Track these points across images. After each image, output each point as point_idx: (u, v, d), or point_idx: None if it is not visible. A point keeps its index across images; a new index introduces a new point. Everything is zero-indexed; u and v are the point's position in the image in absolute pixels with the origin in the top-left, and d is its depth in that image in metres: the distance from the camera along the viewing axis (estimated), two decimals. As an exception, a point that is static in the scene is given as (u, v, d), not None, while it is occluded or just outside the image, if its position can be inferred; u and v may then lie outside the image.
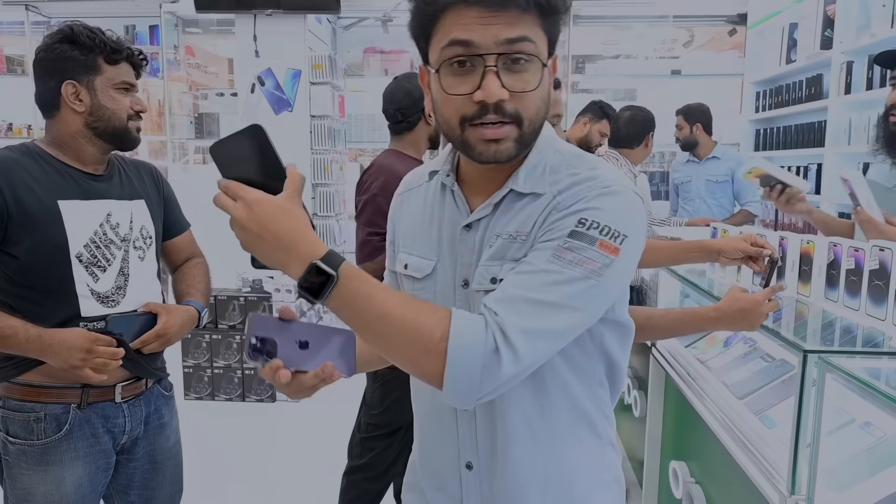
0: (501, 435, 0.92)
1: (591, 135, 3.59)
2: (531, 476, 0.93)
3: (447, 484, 0.98)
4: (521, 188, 0.87)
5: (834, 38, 3.68)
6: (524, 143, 0.84)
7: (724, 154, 3.91)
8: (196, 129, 5.12)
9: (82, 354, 1.36)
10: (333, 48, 5.11)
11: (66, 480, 1.44)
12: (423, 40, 0.84)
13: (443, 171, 0.94)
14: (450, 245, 0.92)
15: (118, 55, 1.46)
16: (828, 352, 1.21)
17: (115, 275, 1.48)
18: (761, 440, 1.44)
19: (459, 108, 0.81)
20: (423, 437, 1.03)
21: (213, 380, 3.92)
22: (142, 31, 5.13)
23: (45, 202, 1.39)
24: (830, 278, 1.60)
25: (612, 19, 5.29)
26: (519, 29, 0.78)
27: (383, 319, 0.75)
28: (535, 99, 0.82)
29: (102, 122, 1.46)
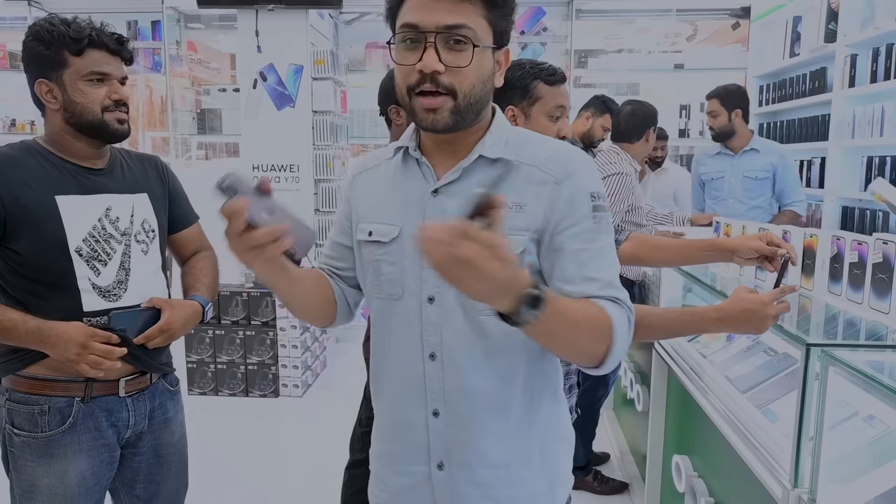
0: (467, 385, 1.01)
1: (593, 129, 3.57)
2: (494, 425, 1.02)
3: (415, 431, 1.05)
4: (490, 154, 0.99)
5: (838, 32, 3.66)
6: (461, 115, 0.95)
7: (763, 146, 3.36)
8: (199, 125, 5.11)
9: (77, 349, 1.35)
10: (335, 43, 5.09)
11: (70, 473, 1.44)
12: (392, 21, 0.99)
13: (410, 145, 1.04)
14: (417, 210, 1.01)
15: (79, 44, 1.38)
16: (831, 345, 1.21)
17: (115, 269, 1.47)
18: (764, 434, 1.44)
19: (406, 78, 0.95)
20: (388, 388, 1.09)
21: (216, 375, 3.93)
22: (144, 27, 5.12)
23: (43, 198, 1.39)
24: (834, 272, 1.60)
25: (615, 13, 5.27)
26: (458, 17, 0.91)
27: (574, 325, 0.86)
28: (468, 75, 0.93)
29: (76, 118, 1.42)
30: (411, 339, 1.02)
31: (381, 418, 1.13)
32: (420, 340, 1.02)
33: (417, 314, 1.01)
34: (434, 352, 1.01)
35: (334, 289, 1.13)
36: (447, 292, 0.99)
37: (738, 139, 3.34)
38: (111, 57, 1.44)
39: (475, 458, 1.02)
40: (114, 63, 1.44)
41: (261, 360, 3.92)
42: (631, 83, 5.50)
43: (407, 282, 1.02)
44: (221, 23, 5.35)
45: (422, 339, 1.01)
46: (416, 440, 1.05)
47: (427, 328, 1.01)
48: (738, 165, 3.36)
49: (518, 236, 0.96)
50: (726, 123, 3.30)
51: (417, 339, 1.02)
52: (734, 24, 5.14)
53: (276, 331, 3.89)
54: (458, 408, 1.01)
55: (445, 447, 1.03)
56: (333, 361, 4.64)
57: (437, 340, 1.01)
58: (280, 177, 4.54)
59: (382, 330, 1.07)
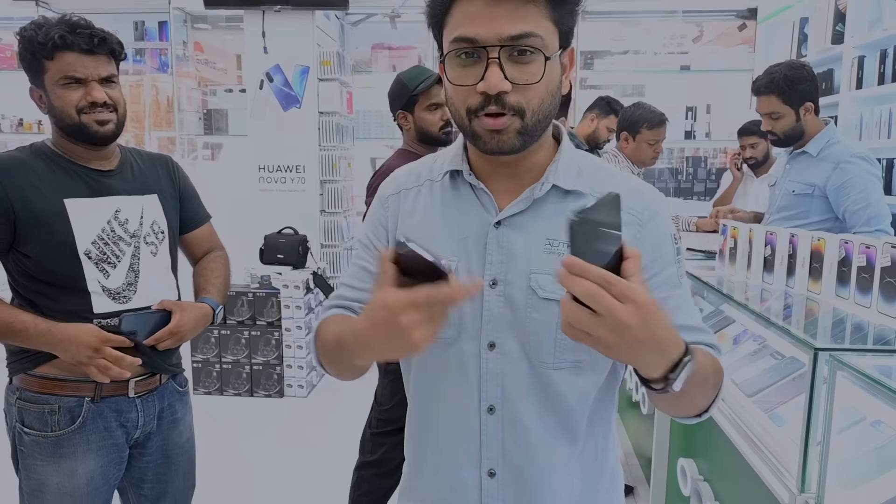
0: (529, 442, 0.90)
1: (598, 131, 3.57)
2: (560, 486, 0.91)
3: (465, 493, 0.93)
4: (564, 185, 0.88)
5: (845, 33, 3.65)
6: (528, 135, 0.83)
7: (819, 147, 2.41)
8: (205, 125, 5.13)
9: (89, 352, 1.36)
10: (342, 44, 5.11)
11: (79, 472, 1.45)
12: (438, 30, 0.85)
13: (464, 169, 0.92)
14: (476, 243, 0.89)
15: (46, 48, 1.35)
16: (839, 349, 1.21)
17: (125, 271, 1.48)
18: (771, 438, 1.44)
19: (465, 99, 0.82)
20: (432, 443, 0.96)
21: (221, 375, 3.94)
22: (151, 27, 5.15)
23: (52, 201, 1.40)
24: (841, 275, 1.59)
25: (621, 14, 5.27)
26: (523, 23, 0.78)
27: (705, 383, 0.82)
28: (538, 91, 0.81)
29: (59, 122, 1.42)
30: (467, 389, 0.90)
31: (420, 476, 0.99)
32: (477, 391, 0.89)
33: (475, 361, 0.89)
34: (493, 405, 0.89)
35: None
36: (510, 338, 0.88)
37: (805, 136, 2.45)
38: (86, 58, 1.38)
39: None
40: (90, 64, 1.39)
41: (266, 360, 3.93)
42: (636, 84, 5.50)
43: (464, 324, 0.89)
44: (228, 23, 5.37)
45: (479, 390, 0.89)
46: (465, 502, 0.93)
47: (486, 378, 0.89)
48: (790, 171, 2.52)
49: None
50: (793, 125, 2.39)
51: (474, 390, 0.90)
52: (741, 25, 5.13)
53: (281, 331, 3.90)
54: (520, 468, 0.90)
55: None
56: (338, 362, 4.64)
57: (497, 392, 0.89)
58: (286, 177, 4.55)
59: (431, 377, 0.94)
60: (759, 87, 2.40)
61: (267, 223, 4.18)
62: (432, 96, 2.13)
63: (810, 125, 2.39)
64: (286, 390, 3.96)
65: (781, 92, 2.34)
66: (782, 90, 2.34)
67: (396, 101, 2.19)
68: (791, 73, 2.34)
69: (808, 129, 2.39)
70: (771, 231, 1.86)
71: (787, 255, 1.78)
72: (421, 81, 2.13)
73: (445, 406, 0.93)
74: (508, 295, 0.87)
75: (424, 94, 2.13)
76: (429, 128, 2.16)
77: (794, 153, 2.47)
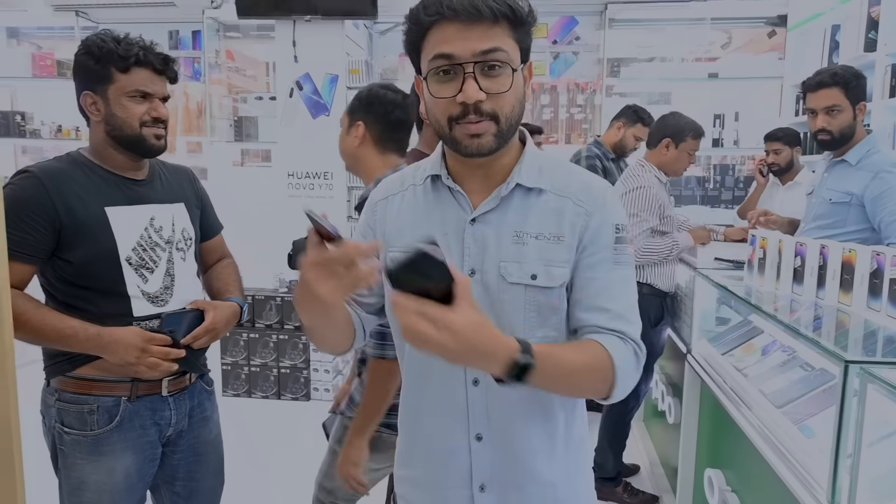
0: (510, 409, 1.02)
1: (625, 139, 3.57)
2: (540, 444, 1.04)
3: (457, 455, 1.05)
4: (527, 182, 1.00)
5: (878, 41, 3.60)
6: (502, 138, 0.96)
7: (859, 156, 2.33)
8: (235, 132, 5.23)
9: (137, 353, 1.43)
10: (370, 53, 5.17)
11: (117, 470, 1.51)
12: (416, 54, 0.98)
13: (442, 174, 1.04)
14: (455, 238, 1.01)
15: (126, 62, 1.46)
16: (870, 362, 1.21)
17: (162, 275, 1.54)
18: (800, 449, 1.44)
19: (446, 110, 0.95)
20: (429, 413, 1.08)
21: (249, 377, 4.01)
22: (185, 37, 5.27)
23: (94, 210, 1.46)
24: (873, 287, 1.58)
25: (648, 22, 5.25)
26: (491, 41, 0.92)
27: (572, 375, 0.93)
28: (509, 98, 0.95)
29: (116, 131, 1.49)
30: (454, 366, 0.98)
31: (415, 444, 1.12)
32: (464, 367, 1.01)
33: None
34: (477, 378, 1.02)
35: (352, 316, 1.12)
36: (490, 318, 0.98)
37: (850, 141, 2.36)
38: (156, 76, 1.50)
39: (524, 477, 1.03)
40: (157, 82, 1.51)
41: (293, 363, 3.99)
42: (663, 92, 5.47)
43: None
44: (259, 32, 5.47)
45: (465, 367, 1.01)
46: (457, 465, 1.05)
47: None
48: (828, 179, 2.42)
49: (561, 268, 0.98)
50: (850, 123, 2.30)
51: (461, 367, 1.01)
52: (770, 32, 5.08)
53: (308, 335, 3.95)
54: (503, 431, 1.02)
55: (490, 470, 1.04)
56: (363, 366, 4.69)
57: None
58: (314, 184, 4.62)
59: (421, 358, 1.06)
60: (822, 80, 2.31)
61: (295, 229, 4.23)
62: None
63: (859, 130, 2.33)
64: (313, 393, 4.01)
65: (847, 84, 2.28)
66: (847, 82, 2.28)
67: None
68: (851, 69, 2.32)
69: (856, 133, 2.33)
70: (801, 242, 1.85)
71: (817, 266, 1.77)
72: None
73: (435, 383, 1.05)
74: (485, 282, 0.99)
75: None
76: None
77: (833, 161, 2.40)
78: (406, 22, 0.97)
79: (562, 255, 0.98)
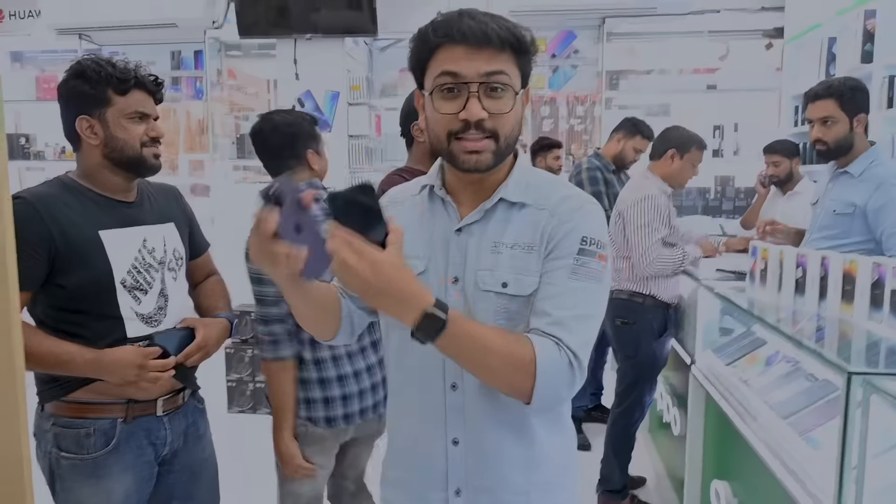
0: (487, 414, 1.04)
1: (625, 151, 3.59)
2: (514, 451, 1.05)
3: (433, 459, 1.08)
4: (510, 197, 1.04)
5: (874, 52, 3.63)
6: (500, 156, 1.01)
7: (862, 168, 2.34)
8: (238, 150, 5.27)
9: (136, 370, 1.43)
10: (370, 69, 5.23)
11: (116, 492, 1.50)
12: (420, 71, 1.03)
13: (436, 184, 1.09)
14: (442, 247, 1.06)
15: (125, 84, 1.48)
16: (873, 374, 1.22)
17: (156, 296, 1.54)
18: (806, 461, 1.44)
19: (447, 125, 0.99)
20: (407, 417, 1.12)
21: (255, 394, 4.01)
22: (187, 57, 5.33)
23: (88, 234, 1.45)
24: (875, 298, 1.59)
25: (646, 36, 5.30)
26: (496, 64, 0.96)
27: (485, 351, 0.92)
28: (509, 119, 0.99)
29: (117, 153, 1.49)
30: (433, 370, 1.06)
31: (396, 445, 1.16)
32: (442, 371, 1.05)
33: None
34: (455, 382, 1.05)
35: (343, 307, 1.15)
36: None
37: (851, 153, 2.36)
38: (148, 97, 1.53)
39: (497, 483, 1.06)
40: (150, 103, 1.53)
41: (297, 379, 3.99)
42: (662, 104, 5.51)
43: None
44: (260, 51, 5.53)
45: (444, 370, 1.05)
46: (434, 468, 1.08)
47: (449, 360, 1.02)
48: (832, 190, 2.43)
49: (531, 277, 1.01)
50: (846, 134, 2.32)
51: (439, 370, 1.05)
52: (767, 44, 5.13)
53: (312, 351, 3.96)
54: (478, 437, 1.05)
55: (464, 474, 1.06)
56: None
57: (458, 371, 1.03)
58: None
59: (403, 360, 1.10)
60: (817, 92, 2.36)
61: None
62: None
63: (859, 141, 2.34)
64: (317, 410, 4.01)
65: (840, 96, 2.30)
66: (841, 94, 2.30)
67: (412, 114, 2.05)
68: (850, 81, 2.35)
69: (856, 145, 2.34)
70: (802, 253, 1.86)
71: (818, 277, 1.79)
72: None
73: (415, 386, 1.09)
74: (464, 289, 1.04)
75: None
76: None
77: (837, 172, 2.41)
78: (415, 39, 1.01)
79: (532, 264, 1.01)
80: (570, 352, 0.95)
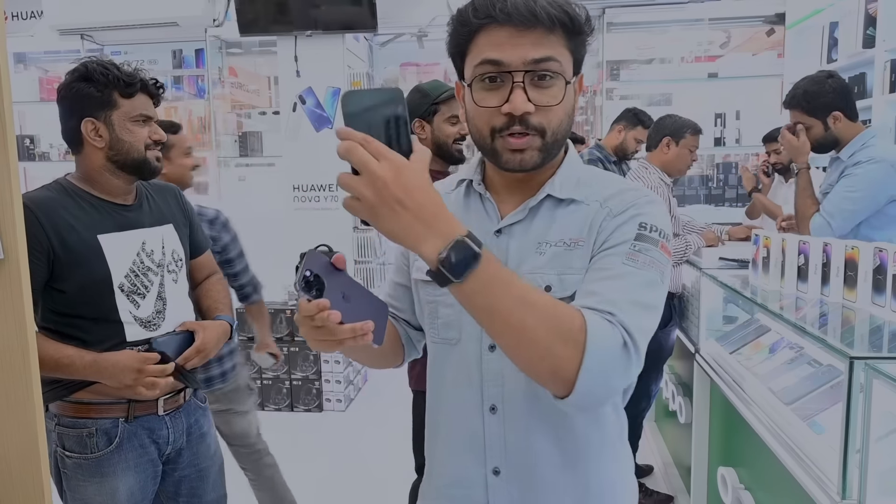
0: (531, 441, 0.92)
1: (626, 142, 3.60)
2: (562, 484, 0.93)
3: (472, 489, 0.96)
4: (557, 194, 0.93)
5: (877, 37, 3.62)
6: (548, 153, 0.89)
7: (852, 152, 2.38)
8: (240, 148, 5.28)
9: (134, 374, 1.44)
10: (371, 65, 5.22)
11: (120, 490, 1.52)
12: (459, 58, 0.91)
13: (475, 179, 0.99)
14: None
15: (132, 88, 1.50)
16: (875, 358, 1.22)
17: (154, 300, 1.56)
18: (810, 446, 1.45)
19: (489, 120, 0.87)
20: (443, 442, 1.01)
21: (262, 391, 4.04)
22: (188, 55, 5.33)
23: (87, 238, 1.47)
24: (877, 283, 1.60)
25: (646, 25, 5.28)
26: (545, 49, 0.84)
27: (524, 302, 0.72)
28: (558, 112, 0.87)
29: (122, 156, 1.51)
30: (470, 389, 0.94)
31: (434, 471, 1.04)
32: (480, 391, 0.93)
33: (477, 362, 0.93)
34: (495, 404, 0.93)
35: (399, 331, 1.06)
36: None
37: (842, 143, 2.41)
38: (150, 101, 1.55)
39: None
40: (152, 106, 1.56)
41: (305, 375, 4.02)
42: (664, 93, 5.49)
43: (465, 326, 0.94)
44: (261, 48, 5.53)
45: (482, 390, 0.93)
46: (472, 499, 0.96)
47: (487, 378, 0.93)
48: (829, 176, 2.51)
49: (575, 275, 0.88)
50: (823, 135, 2.40)
51: (477, 390, 0.93)
52: (769, 30, 5.10)
53: (319, 346, 3.98)
54: (522, 466, 0.92)
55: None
56: (374, 376, 4.71)
57: (498, 392, 0.92)
58: (319, 196, 4.66)
59: (438, 377, 1.00)
60: (786, 101, 2.48)
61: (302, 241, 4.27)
62: (454, 108, 2.08)
63: (844, 132, 2.38)
64: (325, 404, 4.04)
65: (801, 106, 2.40)
66: (802, 105, 2.40)
67: (415, 110, 2.11)
68: (811, 87, 2.39)
69: (842, 136, 2.38)
70: (804, 240, 1.87)
71: (820, 263, 1.79)
72: (444, 91, 2.09)
73: (451, 406, 0.98)
74: None
75: (446, 104, 2.08)
76: (446, 139, 2.10)
77: (832, 158, 2.47)
78: (452, 23, 0.89)
79: (576, 261, 0.89)
80: (626, 331, 0.77)
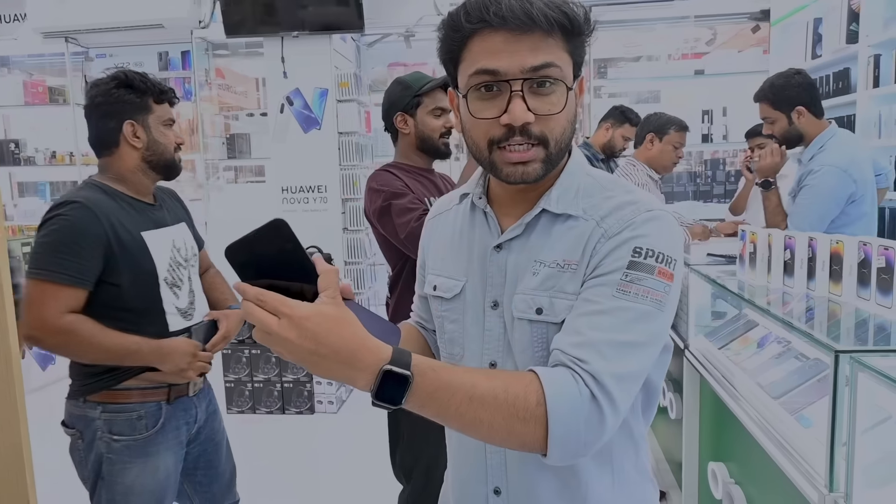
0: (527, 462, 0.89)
1: (614, 140, 3.61)
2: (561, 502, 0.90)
3: None
4: (553, 208, 0.87)
5: (860, 32, 3.65)
6: (551, 164, 0.84)
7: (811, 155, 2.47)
8: (228, 150, 5.26)
9: (189, 358, 1.61)
10: (358, 65, 5.21)
11: (160, 469, 1.64)
12: (452, 66, 0.86)
13: (475, 193, 0.95)
14: (480, 265, 0.91)
15: (164, 95, 1.66)
16: (860, 351, 1.23)
17: (188, 291, 1.71)
18: (798, 439, 1.46)
19: (487, 132, 0.82)
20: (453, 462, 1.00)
21: (253, 393, 4.02)
22: (174, 57, 5.31)
23: (134, 235, 1.59)
24: (862, 277, 1.61)
25: (633, 22, 5.31)
26: (543, 54, 0.79)
27: (472, 400, 0.72)
28: (560, 120, 0.82)
29: (157, 156, 1.66)
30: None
31: (445, 489, 1.04)
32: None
33: None
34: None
35: (428, 340, 1.05)
36: (508, 359, 0.88)
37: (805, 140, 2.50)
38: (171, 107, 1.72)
39: None
40: (173, 112, 1.72)
41: (296, 377, 4.00)
42: (651, 91, 5.52)
43: (467, 343, 0.92)
44: (248, 49, 5.51)
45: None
46: None
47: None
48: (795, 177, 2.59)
49: (565, 300, 0.83)
50: (787, 129, 2.48)
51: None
52: (754, 27, 5.14)
53: (309, 348, 3.97)
54: (522, 487, 0.90)
55: None
56: (366, 377, 4.70)
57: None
58: (308, 197, 4.65)
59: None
60: (755, 95, 2.55)
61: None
62: (438, 100, 1.97)
63: (809, 128, 2.46)
64: (317, 407, 4.03)
65: (768, 99, 2.48)
66: (768, 97, 2.48)
67: (396, 103, 2.00)
68: (778, 80, 2.48)
69: (807, 132, 2.47)
70: (790, 235, 1.88)
71: (806, 258, 1.81)
72: (427, 82, 1.97)
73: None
74: (503, 316, 0.88)
75: (429, 96, 1.96)
76: (431, 133, 2.00)
77: (796, 158, 2.56)
78: (442, 28, 0.84)
79: (568, 285, 0.83)
80: (595, 381, 0.74)
